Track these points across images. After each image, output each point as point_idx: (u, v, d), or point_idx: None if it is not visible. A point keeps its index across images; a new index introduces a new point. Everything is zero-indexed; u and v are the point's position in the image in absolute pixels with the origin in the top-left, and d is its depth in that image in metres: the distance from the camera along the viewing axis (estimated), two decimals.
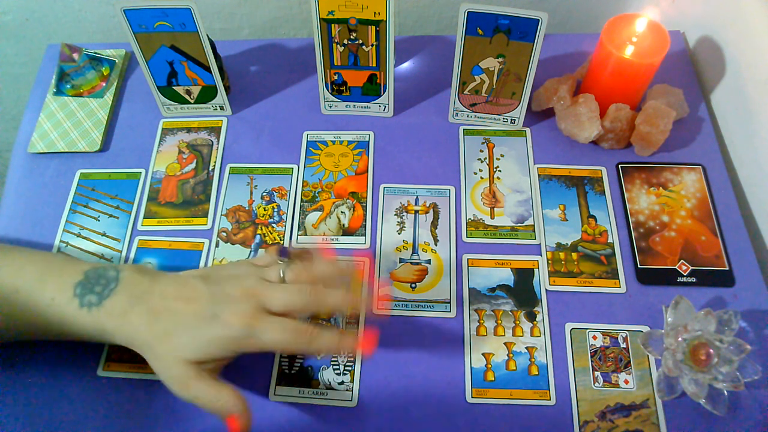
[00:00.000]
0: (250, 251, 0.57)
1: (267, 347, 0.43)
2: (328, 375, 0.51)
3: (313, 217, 0.59)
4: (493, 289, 0.55)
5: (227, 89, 0.66)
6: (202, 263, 0.57)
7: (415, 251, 0.57)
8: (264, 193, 0.60)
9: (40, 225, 0.59)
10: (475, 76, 0.59)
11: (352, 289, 0.54)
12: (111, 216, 0.59)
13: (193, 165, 0.62)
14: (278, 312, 0.44)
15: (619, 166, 0.61)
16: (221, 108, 0.65)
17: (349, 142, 0.64)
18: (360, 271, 0.54)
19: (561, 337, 0.52)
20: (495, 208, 0.59)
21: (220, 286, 0.44)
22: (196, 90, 0.63)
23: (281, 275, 0.46)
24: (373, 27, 0.57)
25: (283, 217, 0.59)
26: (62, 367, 0.51)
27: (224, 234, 0.58)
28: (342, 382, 0.50)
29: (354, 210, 0.59)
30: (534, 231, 0.58)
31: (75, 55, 0.66)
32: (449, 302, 0.54)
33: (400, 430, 0.48)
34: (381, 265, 0.56)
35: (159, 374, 0.44)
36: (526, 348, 0.52)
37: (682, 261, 0.55)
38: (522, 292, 0.54)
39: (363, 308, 0.53)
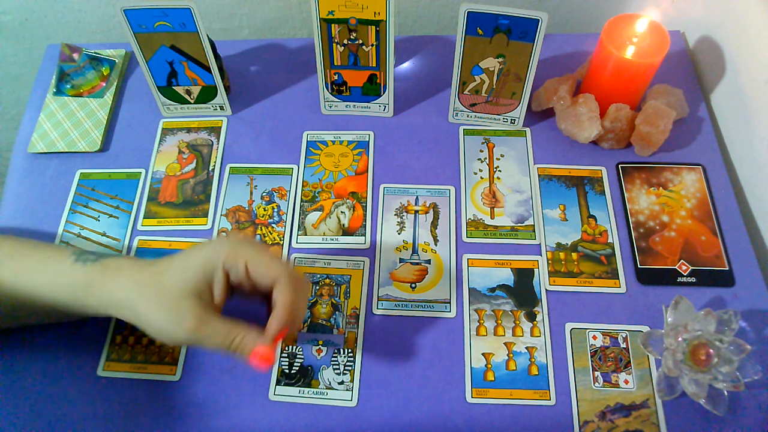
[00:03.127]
0: None
1: (256, 263, 0.42)
2: (328, 375, 0.51)
3: (313, 217, 0.59)
4: (493, 289, 0.55)
5: (227, 89, 0.66)
6: None
7: (415, 251, 0.57)
8: (264, 194, 0.60)
9: (40, 225, 0.59)
10: (475, 76, 0.59)
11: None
12: (111, 216, 0.59)
13: (193, 165, 0.62)
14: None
15: (619, 166, 0.61)
16: (221, 108, 0.65)
17: (349, 142, 0.64)
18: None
19: (561, 337, 0.52)
20: (495, 208, 0.59)
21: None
22: (196, 90, 0.63)
23: None
24: (373, 27, 0.57)
25: (283, 217, 0.59)
26: (62, 367, 0.51)
27: (224, 234, 0.58)
28: (342, 382, 0.50)
29: (354, 210, 0.59)
30: (534, 231, 0.58)
31: (75, 55, 0.66)
32: (449, 302, 0.54)
33: (400, 430, 0.48)
34: (381, 265, 0.56)
35: (158, 325, 0.41)
36: (526, 348, 0.52)
37: (682, 261, 0.55)
38: (522, 292, 0.54)
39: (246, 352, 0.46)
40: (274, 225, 0.58)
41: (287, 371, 0.51)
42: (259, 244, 0.46)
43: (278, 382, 0.51)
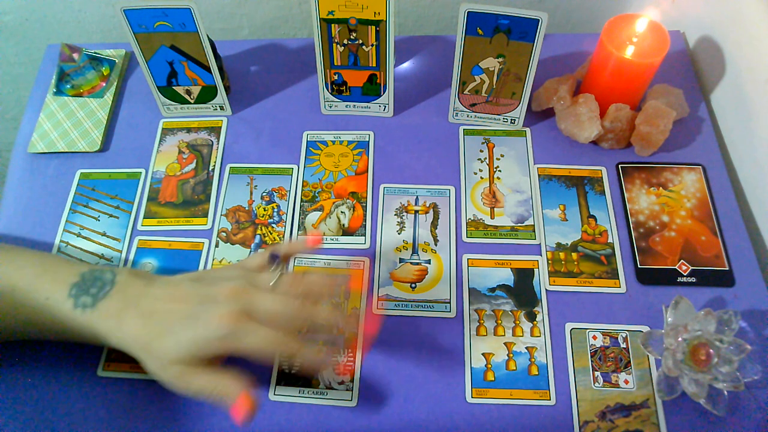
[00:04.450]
0: (250, 251, 0.57)
1: (248, 352, 0.42)
2: (328, 375, 0.51)
3: (313, 217, 0.59)
4: (493, 289, 0.55)
5: (227, 89, 0.66)
6: (201, 263, 0.57)
7: (415, 251, 0.57)
8: (264, 194, 0.60)
9: (40, 225, 0.59)
10: (475, 76, 0.59)
11: (351, 299, 0.54)
12: (111, 216, 0.59)
13: (193, 165, 0.62)
14: (262, 319, 0.43)
15: (619, 166, 0.61)
16: (221, 108, 0.65)
17: (349, 142, 0.64)
18: (358, 282, 0.52)
19: (561, 337, 0.52)
20: (495, 208, 0.59)
21: (209, 288, 0.44)
22: (196, 90, 0.63)
23: (272, 283, 0.45)
24: (373, 27, 0.57)
25: (283, 217, 0.59)
26: (62, 367, 0.51)
27: (224, 234, 0.58)
28: (342, 382, 0.50)
29: (354, 210, 0.59)
30: (534, 231, 0.58)
31: (75, 55, 0.66)
32: (449, 302, 0.54)
33: (400, 430, 0.48)
34: (381, 265, 0.56)
35: (155, 376, 0.44)
36: (526, 348, 0.52)
37: (682, 261, 0.55)
38: (522, 292, 0.54)
39: (353, 326, 0.52)
40: (274, 225, 0.58)
41: (287, 371, 0.51)
42: (255, 328, 0.42)
43: (278, 382, 0.51)
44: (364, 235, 0.58)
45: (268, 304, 0.43)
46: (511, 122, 0.63)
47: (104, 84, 0.67)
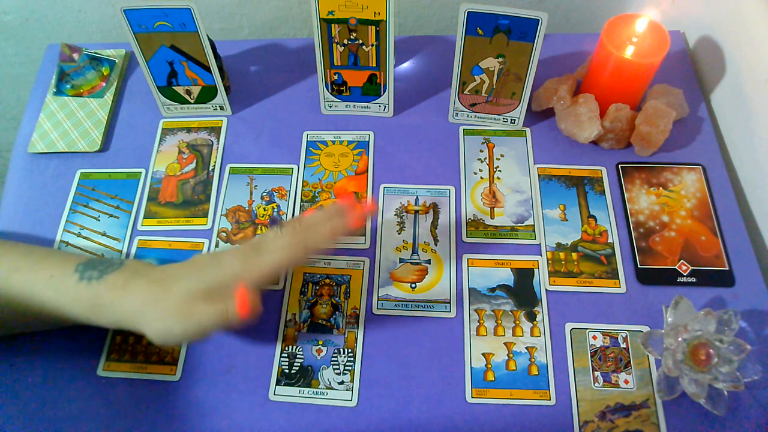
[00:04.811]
0: None
1: (269, 268, 0.45)
2: (328, 375, 0.51)
3: None
4: (493, 289, 0.55)
5: (227, 89, 0.66)
6: None
7: (415, 251, 0.57)
8: (264, 194, 0.60)
9: (40, 225, 0.59)
10: (475, 76, 0.59)
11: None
12: (111, 216, 0.59)
13: (193, 165, 0.62)
14: (274, 251, 0.45)
15: (619, 166, 0.61)
16: (221, 108, 0.65)
17: (349, 142, 0.64)
18: (356, 206, 0.50)
19: (561, 337, 0.52)
20: (495, 208, 0.59)
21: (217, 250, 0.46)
22: (196, 90, 0.63)
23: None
24: (373, 27, 0.57)
25: (283, 217, 0.59)
26: (62, 367, 0.51)
27: (224, 234, 0.58)
28: (342, 382, 0.50)
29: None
30: (534, 231, 0.58)
31: (75, 55, 0.66)
32: (449, 302, 0.54)
33: (400, 430, 0.48)
34: (381, 265, 0.56)
35: (159, 330, 0.43)
36: (526, 348, 0.52)
37: (682, 261, 0.55)
38: (522, 292, 0.54)
39: (360, 227, 0.52)
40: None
41: (287, 371, 0.51)
42: (265, 258, 0.45)
43: (278, 382, 0.51)
44: (364, 235, 0.58)
45: (276, 237, 0.46)
46: (511, 122, 0.63)
47: (104, 84, 0.67)
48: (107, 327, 0.46)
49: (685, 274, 0.55)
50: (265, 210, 0.59)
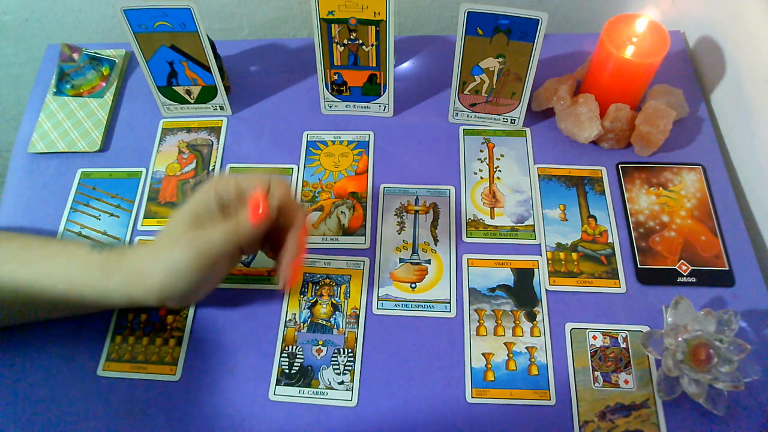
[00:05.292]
0: None
1: (239, 180, 0.44)
2: (328, 375, 0.51)
3: (313, 217, 0.59)
4: (493, 289, 0.55)
5: (227, 89, 0.66)
6: None
7: (415, 251, 0.57)
8: None
9: (41, 224, 0.59)
10: (475, 76, 0.59)
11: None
12: (112, 215, 0.59)
13: (193, 165, 0.62)
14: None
15: (619, 166, 0.61)
16: (221, 108, 0.65)
17: (349, 142, 0.64)
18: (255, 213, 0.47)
19: (561, 337, 0.52)
20: (495, 208, 0.59)
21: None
22: (196, 90, 0.63)
23: None
24: (373, 27, 0.57)
25: None
26: (62, 367, 0.51)
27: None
28: (342, 382, 0.50)
29: (354, 210, 0.59)
30: (534, 231, 0.58)
31: (75, 55, 0.66)
32: (449, 302, 0.54)
33: (400, 430, 0.48)
34: (381, 265, 0.56)
35: (167, 272, 0.43)
36: (526, 348, 0.52)
37: (682, 261, 0.55)
38: (522, 292, 0.54)
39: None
40: None
41: (287, 371, 0.51)
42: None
43: (278, 382, 0.51)
44: (364, 235, 0.58)
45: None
46: (511, 122, 0.63)
47: (104, 84, 0.67)
48: (116, 299, 0.45)
49: (685, 274, 0.55)
50: None
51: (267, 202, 0.43)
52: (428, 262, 0.56)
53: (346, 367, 0.51)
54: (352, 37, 0.58)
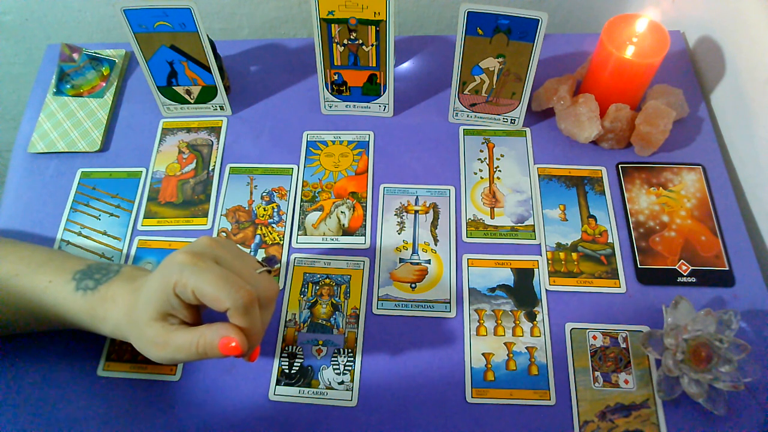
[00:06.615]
0: (250, 251, 0.57)
1: (196, 290, 0.39)
2: (328, 375, 0.51)
3: (313, 217, 0.59)
4: (493, 289, 0.55)
5: (227, 89, 0.66)
6: None
7: (415, 251, 0.57)
8: (264, 193, 0.60)
9: (41, 224, 0.59)
10: (475, 76, 0.59)
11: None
12: (112, 215, 0.59)
13: (193, 165, 0.62)
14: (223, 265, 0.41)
15: (619, 166, 0.61)
16: (221, 108, 0.65)
17: (349, 142, 0.64)
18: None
19: (561, 337, 0.52)
20: (495, 208, 0.59)
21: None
22: (196, 90, 0.63)
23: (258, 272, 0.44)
24: (373, 27, 0.57)
25: (283, 217, 0.59)
26: (62, 367, 0.51)
27: (224, 234, 0.58)
28: (342, 382, 0.50)
29: (354, 210, 0.59)
30: (534, 231, 0.58)
31: (75, 55, 0.66)
32: (449, 302, 0.54)
33: (400, 430, 0.48)
34: (381, 265, 0.56)
35: (143, 350, 0.42)
36: (526, 348, 0.52)
37: (682, 261, 0.55)
38: (522, 292, 0.54)
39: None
40: (274, 225, 0.58)
41: (287, 371, 0.51)
42: (212, 266, 0.40)
43: (278, 382, 0.51)
44: (364, 235, 0.58)
45: (230, 257, 0.41)
46: (511, 122, 0.63)
47: (104, 84, 0.67)
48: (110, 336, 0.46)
49: (685, 274, 0.55)
50: (265, 210, 0.59)
51: (242, 342, 0.39)
52: (428, 262, 0.56)
53: (346, 367, 0.51)
54: (352, 37, 0.58)
